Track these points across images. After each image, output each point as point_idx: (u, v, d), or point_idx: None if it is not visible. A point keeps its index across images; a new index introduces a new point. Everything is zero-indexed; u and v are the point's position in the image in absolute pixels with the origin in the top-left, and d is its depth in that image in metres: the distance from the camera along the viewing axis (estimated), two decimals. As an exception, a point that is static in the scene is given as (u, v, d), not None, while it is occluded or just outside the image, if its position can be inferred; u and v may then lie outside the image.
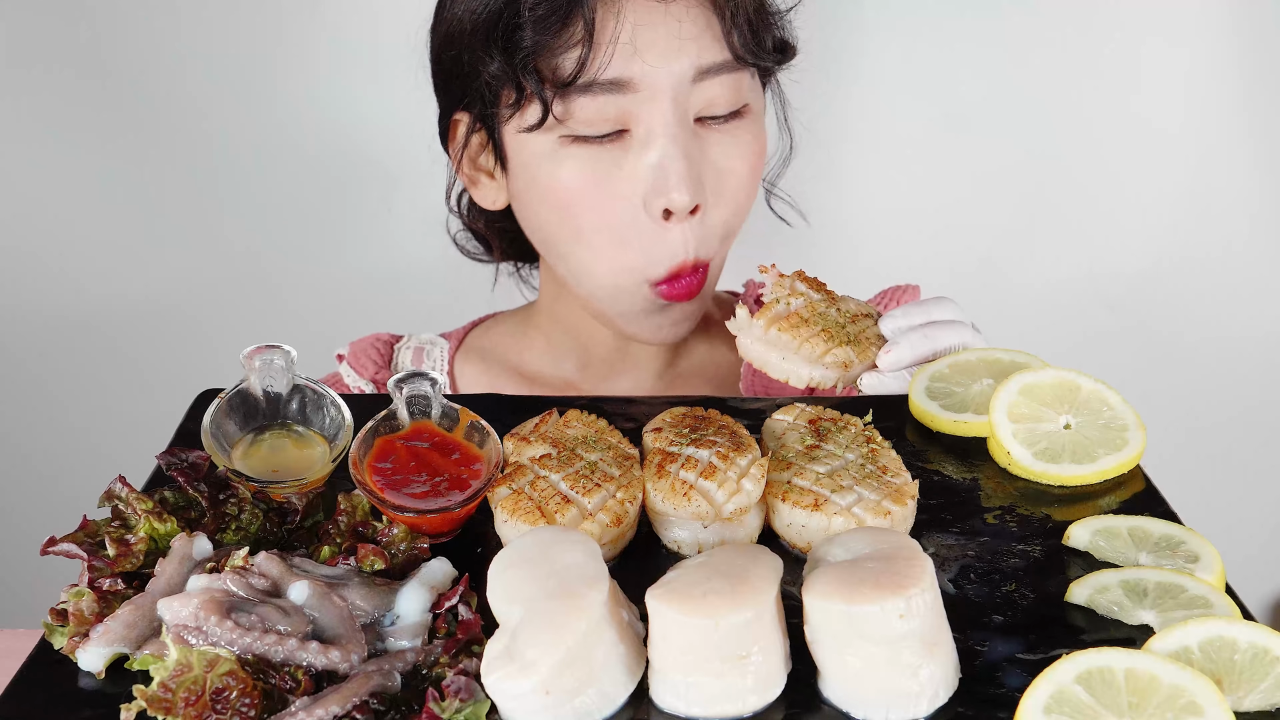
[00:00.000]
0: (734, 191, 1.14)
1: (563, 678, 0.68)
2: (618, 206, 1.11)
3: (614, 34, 1.07)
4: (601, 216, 1.12)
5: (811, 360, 1.02)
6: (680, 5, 1.09)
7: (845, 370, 1.01)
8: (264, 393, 0.90)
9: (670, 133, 1.09)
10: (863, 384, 1.02)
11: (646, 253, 1.12)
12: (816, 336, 1.02)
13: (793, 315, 1.03)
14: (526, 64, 1.08)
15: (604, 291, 1.17)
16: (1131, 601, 0.77)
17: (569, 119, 1.09)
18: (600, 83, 1.07)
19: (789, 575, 0.77)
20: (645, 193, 1.10)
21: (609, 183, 1.11)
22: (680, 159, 1.09)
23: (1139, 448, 0.92)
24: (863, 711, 0.70)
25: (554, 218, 1.15)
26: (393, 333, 1.40)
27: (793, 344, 1.02)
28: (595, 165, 1.11)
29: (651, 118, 1.09)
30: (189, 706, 0.68)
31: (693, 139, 1.11)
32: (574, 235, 1.14)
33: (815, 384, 1.03)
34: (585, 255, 1.15)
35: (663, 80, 1.08)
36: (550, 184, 1.13)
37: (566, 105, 1.08)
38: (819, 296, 1.07)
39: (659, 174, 1.09)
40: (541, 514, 0.81)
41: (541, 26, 1.06)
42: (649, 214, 1.11)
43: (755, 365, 1.04)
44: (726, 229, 1.16)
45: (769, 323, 1.02)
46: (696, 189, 1.10)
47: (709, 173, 1.12)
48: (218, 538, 0.83)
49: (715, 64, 1.10)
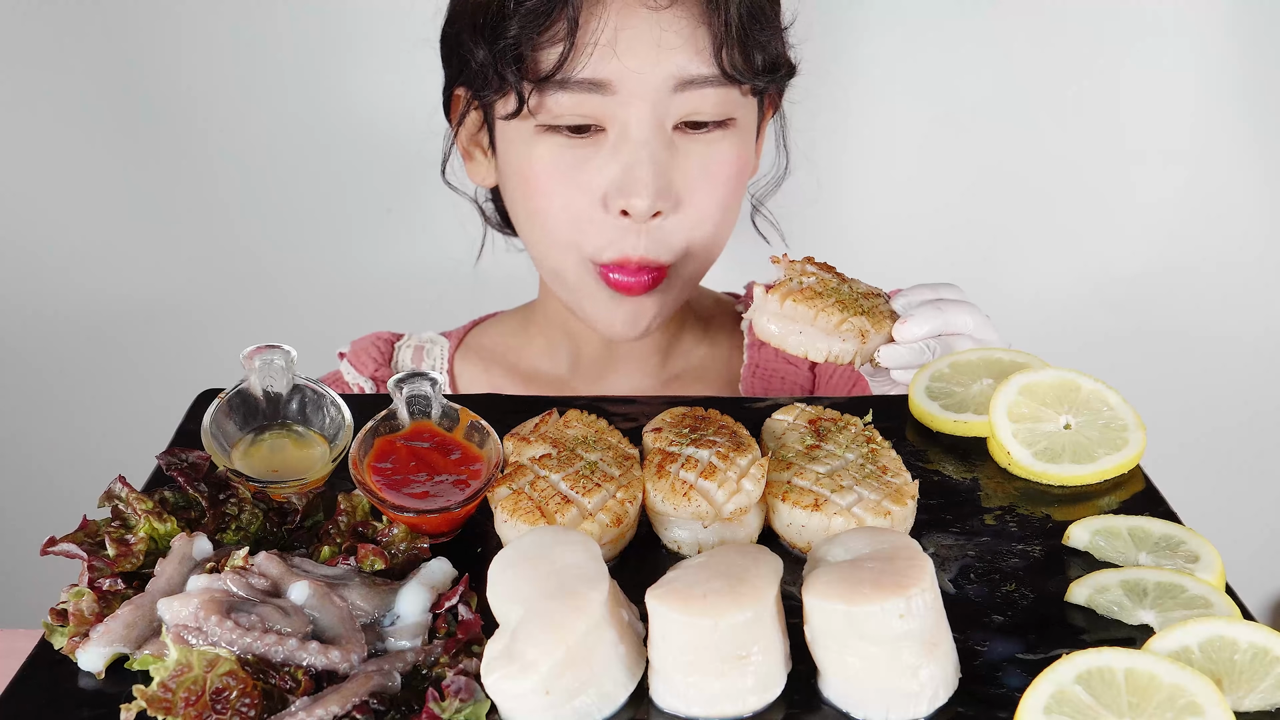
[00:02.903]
0: (700, 204, 1.15)
1: (563, 678, 0.68)
2: (578, 198, 1.14)
3: (596, 35, 1.08)
4: (561, 203, 1.14)
5: (829, 331, 1.02)
6: (669, 14, 1.09)
7: (862, 341, 1.02)
8: (264, 393, 0.90)
9: (642, 138, 1.11)
10: (880, 357, 1.03)
11: (595, 239, 1.15)
12: (832, 307, 1.02)
13: (807, 289, 1.04)
14: (507, 55, 1.10)
15: (556, 269, 1.19)
16: (1131, 601, 0.77)
17: (542, 111, 1.11)
18: (577, 81, 1.09)
19: (789, 575, 0.77)
20: (608, 191, 1.13)
21: (575, 174, 1.13)
22: (647, 165, 1.11)
23: (1139, 448, 0.92)
24: (863, 711, 0.71)
25: (520, 199, 1.18)
26: (393, 331, 1.41)
27: (809, 314, 1.02)
28: (565, 156, 1.13)
29: (626, 120, 1.11)
30: (189, 706, 0.68)
31: (665, 147, 1.12)
32: (532, 216, 1.18)
33: (834, 357, 1.03)
34: (540, 235, 1.18)
35: (640, 85, 1.10)
36: (520, 167, 1.16)
37: (542, 99, 1.11)
38: (830, 275, 1.08)
39: (624, 176, 1.11)
40: (541, 514, 0.81)
41: (526, 20, 1.09)
42: (607, 210, 1.13)
43: (773, 344, 1.04)
44: (689, 242, 1.16)
45: (784, 296, 1.03)
46: (658, 195, 1.11)
47: (678, 180, 1.13)
48: (218, 538, 0.83)
49: (700, 76, 1.11)
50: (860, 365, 1.04)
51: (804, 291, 1.03)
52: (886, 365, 1.03)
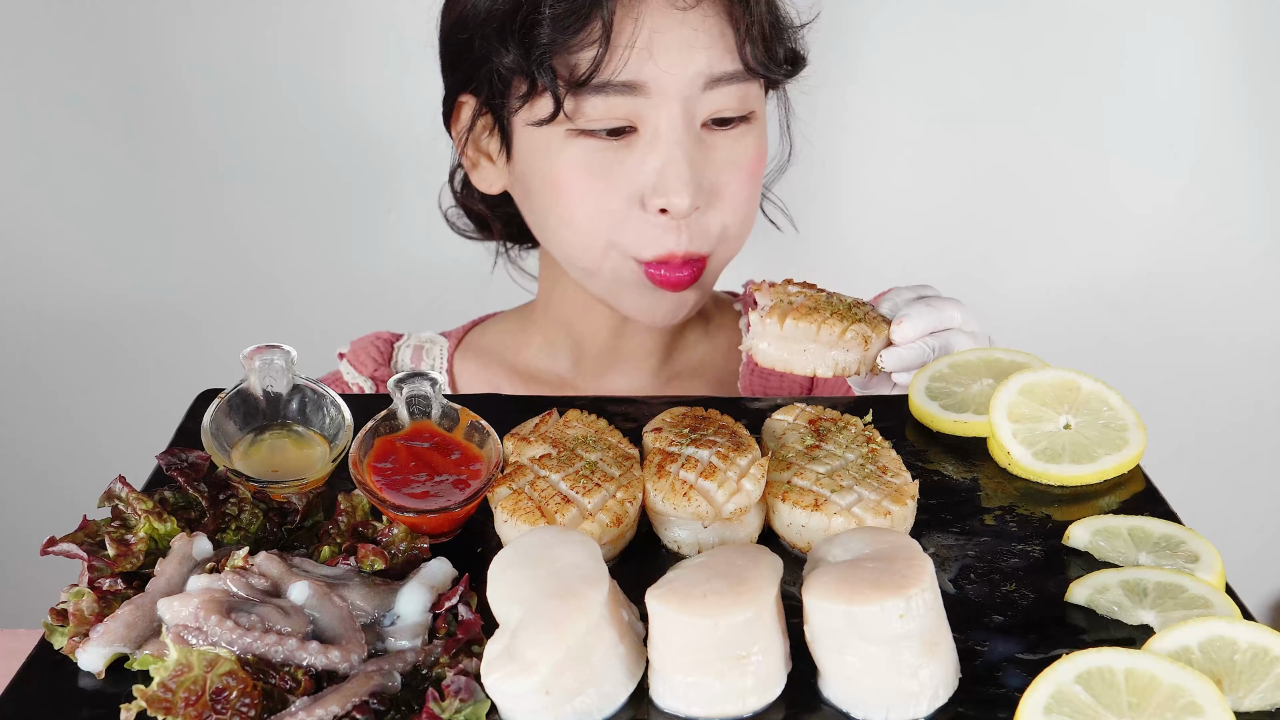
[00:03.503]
0: (733, 195, 1.16)
1: (563, 678, 0.68)
2: (614, 200, 1.13)
3: (631, 37, 1.09)
4: (597, 206, 1.14)
5: (831, 344, 1.02)
6: (697, 14, 1.10)
7: (866, 347, 1.02)
8: (264, 393, 0.90)
9: (676, 137, 1.11)
10: (883, 361, 1.03)
11: (635, 237, 1.14)
12: (831, 319, 1.02)
13: (801, 306, 1.04)
14: (543, 60, 1.09)
15: (594, 268, 1.18)
16: (1131, 601, 0.77)
17: (579, 116, 1.11)
18: (614, 84, 1.09)
19: (789, 575, 0.77)
20: (645, 191, 1.13)
21: (609, 177, 1.13)
22: (683, 163, 1.11)
23: (1139, 448, 0.92)
24: (863, 711, 0.70)
25: (551, 203, 1.17)
26: (393, 331, 1.41)
27: (811, 330, 1.02)
28: (598, 159, 1.13)
29: (659, 120, 1.11)
30: (189, 706, 0.68)
31: (697, 143, 1.13)
32: (563, 219, 1.17)
33: (841, 369, 1.03)
34: (572, 237, 1.17)
35: (674, 85, 1.10)
36: (550, 172, 1.15)
37: (578, 103, 1.11)
38: (815, 291, 1.08)
39: (661, 176, 1.12)
40: (541, 514, 0.81)
41: (560, 25, 1.08)
42: (645, 209, 1.13)
43: (779, 368, 1.04)
44: (724, 229, 1.17)
45: (782, 317, 1.03)
46: (696, 193, 1.12)
47: (710, 175, 1.14)
48: (218, 538, 0.83)
49: (727, 73, 1.12)
50: (864, 374, 1.04)
51: (800, 308, 1.03)
52: (890, 368, 1.03)
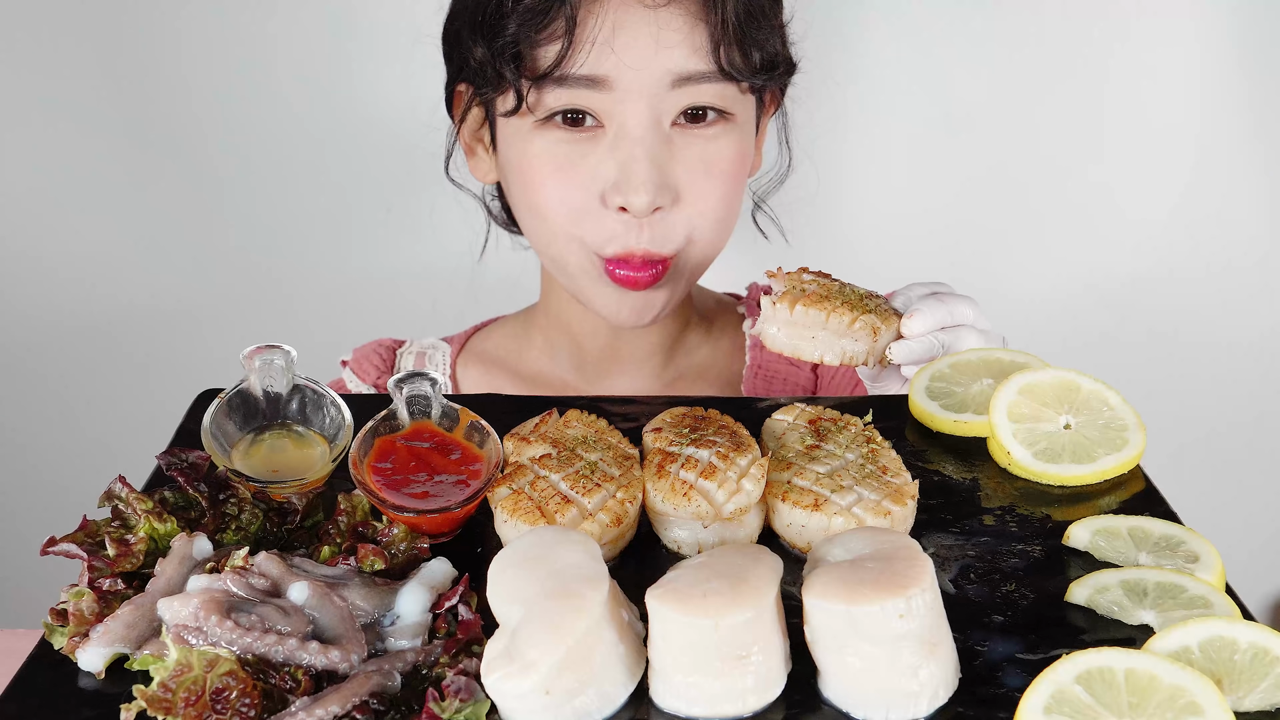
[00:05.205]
0: (702, 197, 1.16)
1: (563, 678, 0.68)
2: (577, 194, 1.14)
3: (593, 32, 1.09)
4: (560, 198, 1.15)
5: (841, 333, 1.02)
6: (666, 11, 1.10)
7: (875, 338, 1.02)
8: (264, 393, 0.90)
9: (639, 134, 1.12)
10: (892, 353, 1.03)
11: (597, 233, 1.15)
12: (841, 308, 1.02)
13: (813, 294, 1.04)
14: (505, 53, 1.11)
15: (560, 261, 1.20)
16: (1131, 601, 0.77)
17: (539, 108, 1.12)
18: (575, 77, 1.10)
19: (789, 575, 0.77)
20: (605, 188, 1.13)
21: (573, 170, 1.14)
22: (644, 161, 1.11)
23: (1139, 448, 0.92)
24: (863, 711, 0.71)
25: (521, 192, 1.19)
26: (395, 338, 1.41)
27: (820, 317, 1.02)
28: (563, 151, 1.14)
29: (624, 117, 1.12)
30: (189, 706, 0.68)
31: (663, 143, 1.13)
32: (532, 209, 1.18)
33: (848, 358, 1.03)
34: (541, 227, 1.19)
35: (637, 82, 1.10)
36: (520, 162, 1.17)
37: (540, 96, 1.12)
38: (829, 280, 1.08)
39: (622, 173, 1.12)
40: (541, 514, 0.81)
41: (524, 19, 1.09)
42: (606, 205, 1.14)
43: (786, 353, 1.04)
44: (691, 231, 1.17)
45: (793, 303, 1.03)
46: (658, 192, 1.12)
47: (677, 174, 1.14)
48: (218, 538, 0.83)
49: (696, 73, 1.12)
50: (872, 365, 1.04)
51: (811, 296, 1.04)
52: (899, 361, 1.03)
